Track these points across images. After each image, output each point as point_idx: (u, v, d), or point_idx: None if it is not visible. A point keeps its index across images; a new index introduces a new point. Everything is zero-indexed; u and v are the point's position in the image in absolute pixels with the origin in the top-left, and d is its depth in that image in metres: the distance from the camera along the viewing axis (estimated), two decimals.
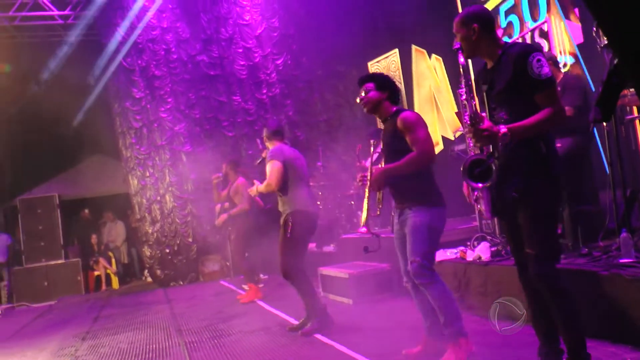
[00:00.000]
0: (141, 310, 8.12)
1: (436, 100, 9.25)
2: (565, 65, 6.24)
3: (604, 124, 4.17)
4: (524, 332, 3.94)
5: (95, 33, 11.04)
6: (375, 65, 10.67)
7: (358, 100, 3.92)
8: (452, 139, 8.51)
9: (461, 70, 2.90)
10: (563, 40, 6.33)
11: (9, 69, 11.59)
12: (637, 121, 4.93)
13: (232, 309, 7.06)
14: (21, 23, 11.02)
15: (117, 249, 12.60)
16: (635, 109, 4.63)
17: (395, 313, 5.46)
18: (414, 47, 9.64)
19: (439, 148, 8.81)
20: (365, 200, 3.84)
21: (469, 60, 3.14)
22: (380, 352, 4.08)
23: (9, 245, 12.00)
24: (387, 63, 10.40)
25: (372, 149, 4.00)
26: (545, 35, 6.56)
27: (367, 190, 3.78)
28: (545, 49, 6.49)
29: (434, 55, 9.25)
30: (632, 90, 4.05)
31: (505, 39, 7.15)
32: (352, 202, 8.82)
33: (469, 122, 2.77)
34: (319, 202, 8.75)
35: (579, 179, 4.67)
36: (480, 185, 2.80)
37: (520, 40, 6.93)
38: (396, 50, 10.17)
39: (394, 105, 3.87)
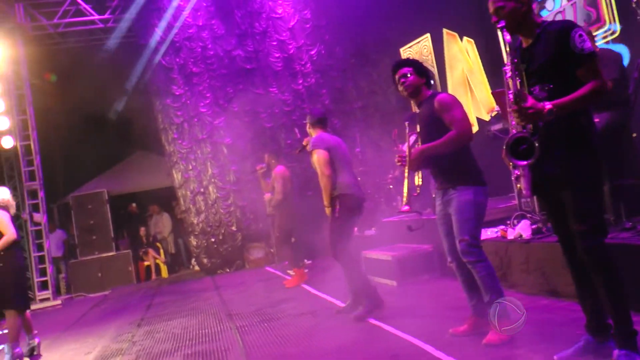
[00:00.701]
0: (191, 297, 8.41)
1: (469, 82, 9.25)
2: (614, 32, 6.22)
3: None
4: (568, 309, 4.02)
5: (133, 35, 11.40)
6: (407, 51, 10.70)
7: (399, 82, 3.95)
8: (487, 119, 8.55)
9: (507, 47, 2.90)
10: (612, 8, 6.30)
11: (55, 78, 12.08)
12: None
13: (279, 294, 7.23)
14: (65, 29, 11.46)
15: (164, 240, 13.03)
16: None
17: (439, 293, 5.56)
18: (445, 30, 9.63)
19: (474, 129, 8.84)
20: (406, 181, 3.88)
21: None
22: (426, 331, 4.14)
23: (65, 240, 12.61)
24: (419, 48, 10.42)
25: (407, 130, 4.03)
26: (594, 4, 6.52)
27: (406, 170, 3.83)
28: (594, 17, 6.45)
29: (465, 38, 9.24)
30: None
31: (544, 12, 7.11)
32: (391, 187, 8.95)
33: (512, 100, 2.78)
34: None
35: (619, 153, 4.62)
36: (524, 162, 2.79)
37: (565, 11, 6.87)
38: (428, 35, 10.17)
39: (429, 90, 3.97)
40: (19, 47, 11.05)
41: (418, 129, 3.95)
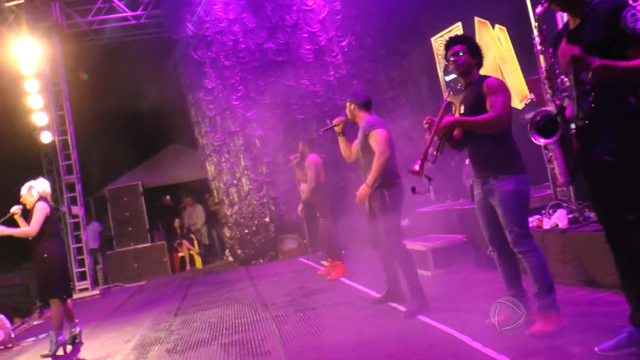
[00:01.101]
0: (226, 288, 8.51)
1: (502, 70, 9.13)
2: None
3: None
4: (608, 299, 3.98)
5: (165, 30, 11.58)
6: (438, 40, 10.60)
7: (451, 60, 3.83)
8: (520, 108, 8.43)
9: (536, 19, 2.81)
10: None
11: (87, 77, 12.37)
12: None
13: (313, 284, 7.26)
14: (99, 27, 11.72)
15: (198, 231, 13.25)
16: None
17: (474, 283, 5.53)
18: (476, 19, 9.51)
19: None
20: (428, 144, 3.76)
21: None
22: (463, 322, 4.13)
23: (100, 232, 12.91)
24: None
25: (446, 95, 3.92)
26: None
27: (431, 134, 3.70)
28: None
29: (497, 26, 9.11)
30: None
31: None
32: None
33: (545, 76, 2.69)
34: None
35: None
36: (541, 140, 2.71)
37: None
38: (459, 23, 10.04)
39: (479, 71, 3.85)
40: (56, 45, 11.35)
41: (462, 110, 3.85)
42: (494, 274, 5.14)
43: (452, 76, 10.04)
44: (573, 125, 2.88)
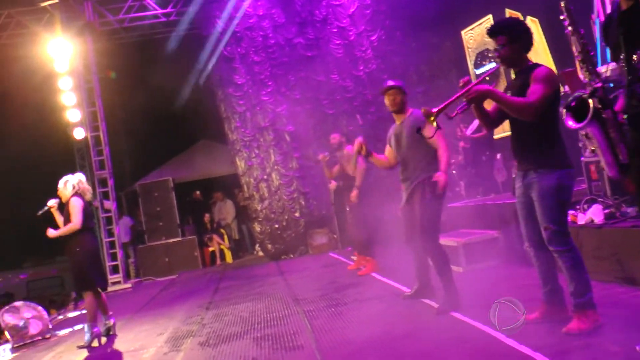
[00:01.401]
0: (257, 282, 8.56)
1: None
2: None
3: None
4: None
5: (195, 27, 11.70)
6: (469, 33, 10.48)
7: (493, 54, 3.74)
8: None
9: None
10: None
11: (115, 75, 12.59)
12: None
13: (344, 279, 7.25)
14: (129, 24, 11.91)
15: (228, 226, 13.34)
16: None
17: (506, 279, 5.46)
18: (507, 10, 9.37)
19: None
20: (454, 98, 3.56)
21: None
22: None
23: (131, 226, 13.12)
24: (481, 30, 10.17)
25: (486, 76, 3.76)
26: None
27: (461, 92, 3.50)
28: None
29: (529, 17, 8.96)
30: None
31: None
32: (454, 171, 8.85)
33: (580, 59, 2.61)
34: None
35: None
36: (570, 122, 2.63)
37: None
38: (489, 16, 9.91)
39: (527, 56, 3.67)
40: (88, 43, 11.57)
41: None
42: (526, 270, 5.09)
43: (482, 69, 9.93)
44: (625, 116, 2.77)
